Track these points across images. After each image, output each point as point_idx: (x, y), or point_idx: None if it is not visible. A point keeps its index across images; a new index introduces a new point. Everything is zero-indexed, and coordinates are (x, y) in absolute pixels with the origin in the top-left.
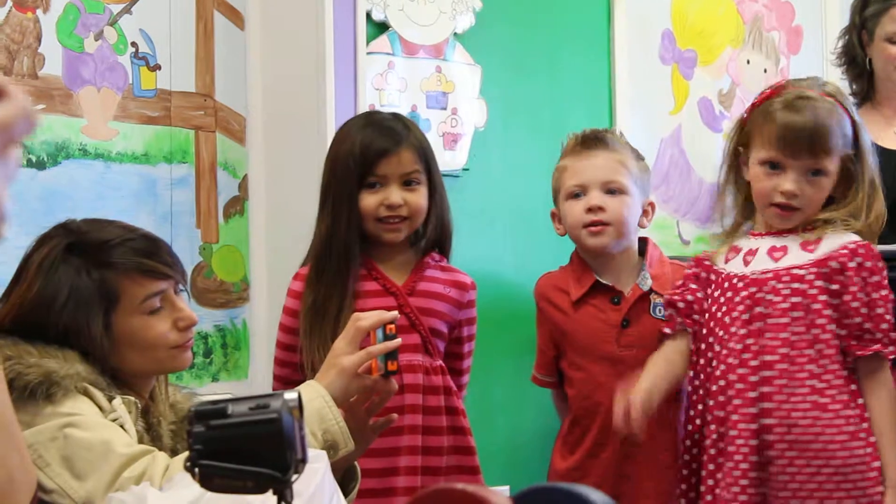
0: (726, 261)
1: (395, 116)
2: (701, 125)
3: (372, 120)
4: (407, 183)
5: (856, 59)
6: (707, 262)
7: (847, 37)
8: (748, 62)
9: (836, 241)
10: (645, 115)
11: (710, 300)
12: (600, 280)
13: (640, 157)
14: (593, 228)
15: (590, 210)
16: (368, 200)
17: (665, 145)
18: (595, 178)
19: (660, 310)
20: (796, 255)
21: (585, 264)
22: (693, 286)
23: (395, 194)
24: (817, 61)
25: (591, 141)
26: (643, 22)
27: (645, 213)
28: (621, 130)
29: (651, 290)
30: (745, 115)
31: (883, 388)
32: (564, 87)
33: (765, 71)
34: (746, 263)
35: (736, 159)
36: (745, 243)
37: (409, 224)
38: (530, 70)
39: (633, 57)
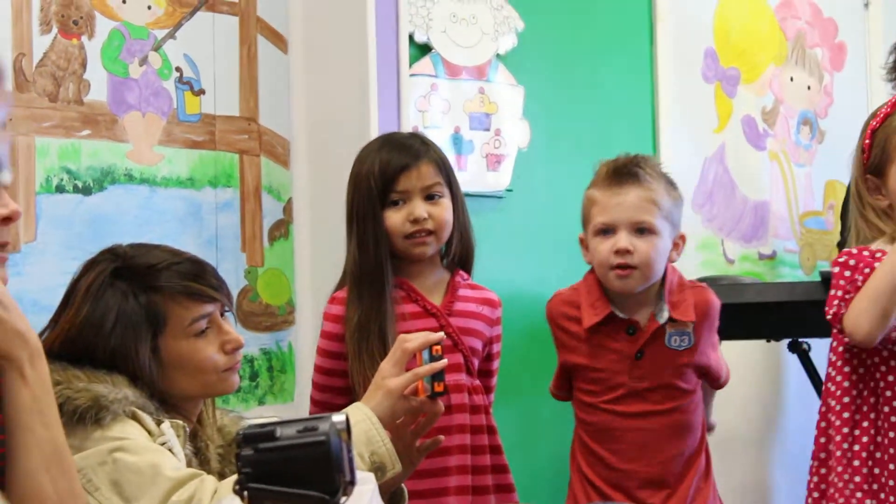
0: None
1: (413, 134)
2: (745, 143)
3: (389, 139)
4: (429, 197)
5: None
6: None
7: None
8: (791, 79)
9: None
10: (688, 133)
11: None
12: (616, 313)
13: (672, 187)
14: (620, 272)
15: (617, 252)
16: (393, 218)
17: (709, 163)
18: (624, 217)
19: (675, 339)
20: None
21: (601, 290)
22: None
23: (419, 207)
24: (861, 77)
25: (623, 175)
26: (686, 41)
27: (675, 246)
28: (658, 157)
29: (668, 320)
30: (866, 141)
31: None
32: (607, 106)
33: (808, 88)
34: None
35: (867, 187)
36: None
37: (437, 238)
38: (573, 90)
39: (676, 76)
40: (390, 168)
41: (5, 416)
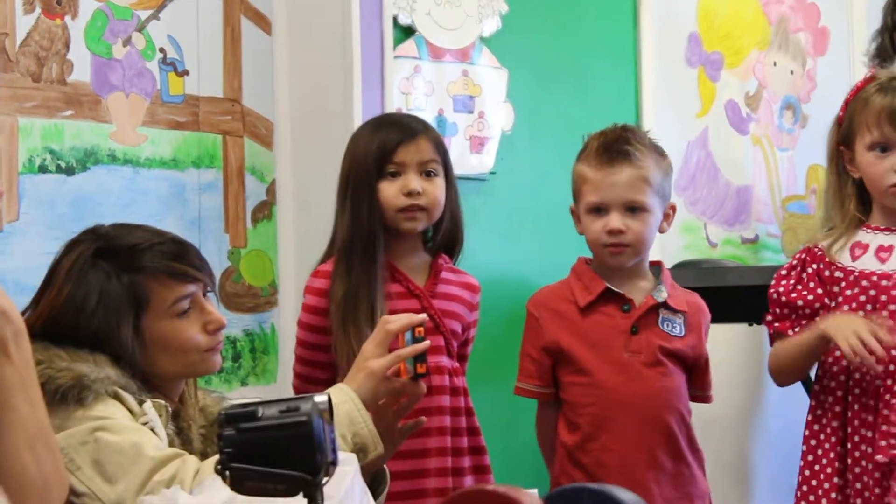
0: (854, 258)
1: (411, 115)
2: (728, 127)
3: (388, 117)
4: (425, 174)
5: (888, 60)
6: (825, 258)
7: (880, 38)
8: (775, 64)
9: None
10: (672, 117)
11: (839, 299)
12: (611, 287)
13: (662, 157)
14: (613, 250)
15: (610, 232)
16: (388, 190)
17: (692, 148)
18: (617, 197)
19: (667, 324)
20: None
21: (593, 273)
22: (812, 284)
23: (414, 181)
24: (844, 62)
25: (615, 154)
26: (669, 25)
27: (666, 216)
28: (643, 127)
29: (663, 304)
30: (840, 114)
31: None
32: (591, 89)
33: (791, 73)
34: (883, 261)
35: (839, 158)
36: (869, 238)
37: (428, 215)
38: (557, 73)
39: (660, 60)
40: (389, 140)
41: None
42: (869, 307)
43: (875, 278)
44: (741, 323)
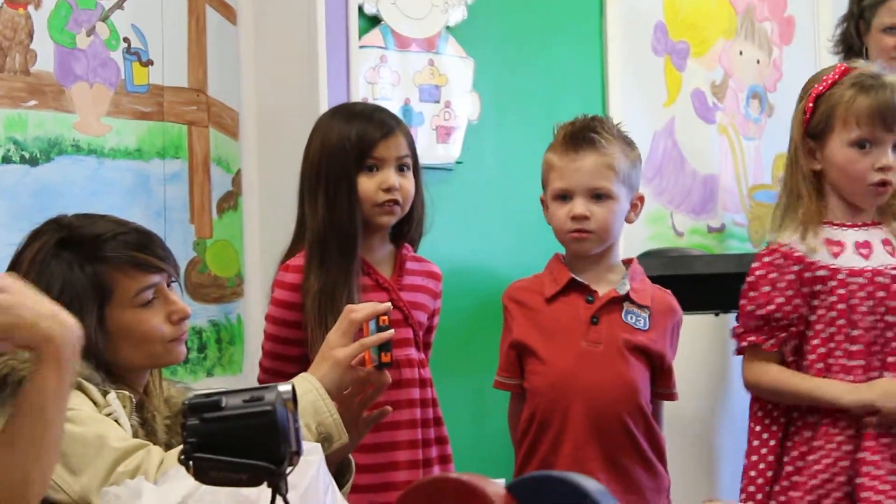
0: (835, 255)
1: (381, 108)
2: (694, 117)
3: (358, 108)
4: (399, 168)
5: (853, 47)
6: (805, 258)
7: (845, 25)
8: (741, 53)
9: None
10: (638, 107)
11: (822, 298)
12: (576, 278)
13: (630, 148)
14: (576, 235)
15: (574, 218)
16: (367, 185)
17: (658, 137)
18: (581, 183)
19: (631, 317)
20: None
21: (562, 265)
22: (790, 292)
23: (393, 177)
24: (810, 51)
25: (580, 141)
26: (635, 14)
27: (633, 206)
28: (613, 118)
29: (627, 297)
30: (810, 105)
31: None
32: (557, 79)
33: (757, 62)
34: (865, 257)
35: (802, 150)
36: (840, 235)
37: (401, 210)
38: (523, 63)
39: (626, 49)
40: (369, 135)
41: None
42: (864, 307)
43: (869, 275)
44: (707, 312)
